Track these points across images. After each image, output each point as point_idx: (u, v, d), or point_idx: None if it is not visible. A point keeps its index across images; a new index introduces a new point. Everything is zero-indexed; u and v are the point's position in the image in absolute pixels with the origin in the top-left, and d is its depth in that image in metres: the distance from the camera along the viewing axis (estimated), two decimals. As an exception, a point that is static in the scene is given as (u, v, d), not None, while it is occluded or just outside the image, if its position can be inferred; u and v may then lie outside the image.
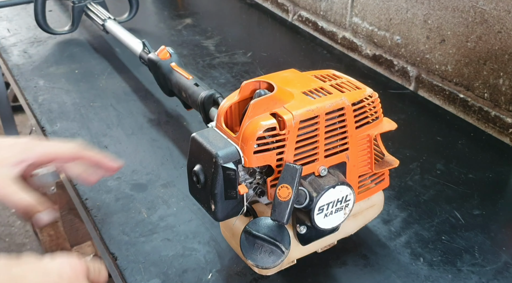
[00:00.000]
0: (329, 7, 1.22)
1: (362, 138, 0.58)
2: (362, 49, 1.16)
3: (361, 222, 0.65)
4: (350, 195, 0.55)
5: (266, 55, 1.17)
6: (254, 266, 0.54)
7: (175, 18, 1.37)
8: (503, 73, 0.88)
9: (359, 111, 0.57)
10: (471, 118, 0.96)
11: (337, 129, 0.55)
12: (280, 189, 0.50)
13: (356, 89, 0.58)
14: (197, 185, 0.54)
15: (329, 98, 0.55)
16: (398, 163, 0.62)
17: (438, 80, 1.00)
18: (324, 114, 0.53)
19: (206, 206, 0.55)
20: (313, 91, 0.56)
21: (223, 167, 0.51)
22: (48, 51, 1.17)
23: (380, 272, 0.63)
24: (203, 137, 0.54)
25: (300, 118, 0.52)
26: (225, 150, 0.52)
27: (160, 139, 0.88)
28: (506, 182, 0.79)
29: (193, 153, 0.55)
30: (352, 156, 0.57)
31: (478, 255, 0.66)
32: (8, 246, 1.99)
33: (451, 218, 0.72)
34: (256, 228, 0.53)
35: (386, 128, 0.60)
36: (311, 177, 0.55)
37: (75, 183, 0.77)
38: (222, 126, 0.56)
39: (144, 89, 1.03)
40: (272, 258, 0.53)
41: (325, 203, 0.54)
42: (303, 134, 0.53)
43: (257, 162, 0.52)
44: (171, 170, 0.80)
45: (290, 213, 0.51)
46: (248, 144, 0.52)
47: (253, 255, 0.53)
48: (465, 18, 0.91)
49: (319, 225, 0.55)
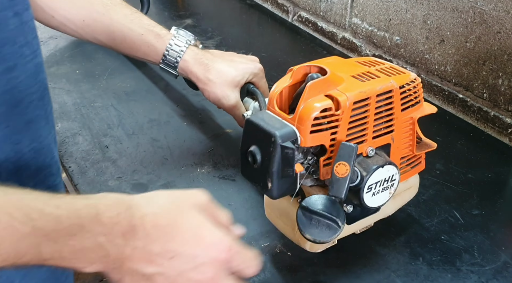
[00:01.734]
0: (329, 8, 1.23)
1: (406, 120, 0.61)
2: (361, 49, 1.17)
3: (399, 203, 0.67)
4: (395, 175, 0.58)
5: (266, 56, 1.17)
6: (312, 240, 0.55)
7: (175, 19, 1.37)
8: (502, 73, 0.88)
9: (405, 94, 0.59)
10: (470, 118, 0.96)
11: (385, 111, 0.58)
12: (337, 166, 0.52)
13: (401, 74, 0.61)
14: (253, 165, 0.56)
15: (379, 81, 0.57)
16: (436, 146, 0.65)
17: (438, 80, 1.00)
18: (375, 96, 0.56)
19: (261, 185, 0.56)
20: (362, 75, 0.58)
21: (281, 146, 0.53)
22: (49, 52, 1.18)
23: (379, 272, 0.63)
24: (259, 119, 0.56)
25: (354, 99, 0.55)
26: (283, 130, 0.54)
27: (160, 139, 0.88)
28: (505, 182, 0.80)
29: (248, 135, 0.57)
30: (397, 138, 0.60)
31: (478, 254, 0.66)
32: (9, 246, 1.99)
33: (451, 217, 0.72)
34: (312, 204, 0.55)
35: (427, 111, 0.63)
36: (360, 158, 0.57)
37: (76, 183, 0.78)
38: (275, 109, 0.58)
39: (145, 89, 1.03)
40: (329, 232, 0.54)
41: (373, 182, 0.56)
42: (355, 115, 0.55)
43: (312, 141, 0.54)
44: (172, 170, 0.80)
45: (347, 189, 0.53)
46: (305, 124, 0.53)
47: (310, 229, 0.54)
48: (465, 19, 0.91)
49: (367, 203, 0.57)
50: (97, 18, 0.80)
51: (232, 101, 0.81)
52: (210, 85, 0.81)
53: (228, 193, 0.76)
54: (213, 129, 0.91)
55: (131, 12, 0.82)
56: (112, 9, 0.80)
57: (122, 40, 0.82)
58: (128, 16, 0.81)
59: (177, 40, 0.81)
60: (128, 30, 0.81)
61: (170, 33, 0.83)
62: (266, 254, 0.66)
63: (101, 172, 0.80)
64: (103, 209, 0.43)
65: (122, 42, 0.82)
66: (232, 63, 0.82)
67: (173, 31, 0.84)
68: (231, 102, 0.81)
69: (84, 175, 0.79)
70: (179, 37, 0.82)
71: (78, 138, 0.88)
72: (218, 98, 0.81)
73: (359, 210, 0.60)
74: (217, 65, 0.82)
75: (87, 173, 0.79)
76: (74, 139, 0.87)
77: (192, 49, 0.82)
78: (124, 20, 0.81)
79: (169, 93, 1.02)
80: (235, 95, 0.81)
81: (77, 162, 0.82)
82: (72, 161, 0.82)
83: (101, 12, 0.80)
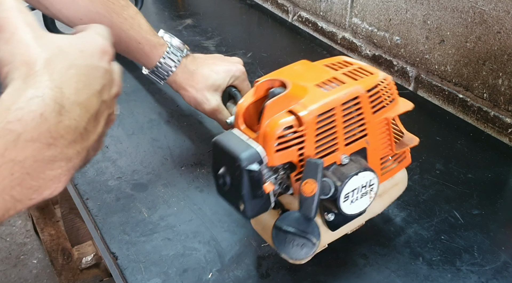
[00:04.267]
0: (329, 8, 1.23)
1: (380, 122, 0.59)
2: (361, 49, 1.17)
3: (387, 201, 0.66)
4: (373, 179, 0.57)
5: (266, 56, 1.17)
6: (288, 259, 0.55)
7: (175, 19, 1.37)
8: (502, 73, 0.88)
9: (375, 97, 0.57)
10: (470, 118, 0.96)
11: (355, 117, 0.56)
12: (304, 185, 0.52)
13: (369, 75, 0.58)
14: (224, 187, 0.55)
15: (343, 88, 0.56)
16: (418, 141, 0.63)
17: (438, 80, 1.00)
18: (340, 105, 0.54)
19: (235, 206, 0.56)
20: (326, 82, 0.57)
21: (246, 170, 0.52)
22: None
23: (379, 272, 0.63)
24: (224, 140, 0.55)
25: (317, 112, 0.53)
26: (247, 153, 0.53)
27: (160, 139, 0.88)
28: (505, 182, 0.80)
29: (217, 157, 0.56)
30: (372, 140, 0.58)
31: (477, 254, 0.66)
32: (9, 245, 2.00)
33: (451, 217, 0.72)
34: (286, 223, 0.54)
35: (402, 109, 0.61)
36: (334, 167, 0.56)
37: (76, 183, 0.78)
38: (241, 128, 0.57)
39: (145, 89, 1.03)
40: (305, 250, 0.54)
41: (350, 190, 0.55)
42: (321, 127, 0.54)
43: (279, 160, 0.53)
44: (172, 170, 0.80)
45: (316, 207, 0.52)
46: (268, 144, 0.53)
47: (286, 249, 0.54)
48: (465, 19, 0.91)
49: (345, 211, 0.56)
50: (96, 19, 0.79)
51: (213, 105, 0.81)
52: (190, 90, 0.82)
53: (228, 193, 0.76)
54: (213, 129, 0.91)
55: (131, 15, 0.81)
56: (113, 11, 0.79)
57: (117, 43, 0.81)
58: (128, 21, 0.80)
59: (171, 55, 0.82)
60: (125, 37, 0.80)
61: (164, 44, 0.82)
62: (266, 254, 0.66)
63: (101, 172, 0.80)
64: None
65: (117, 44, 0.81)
66: (213, 67, 0.83)
67: (167, 39, 0.83)
68: (212, 106, 0.81)
69: (84, 175, 0.79)
70: (171, 54, 0.82)
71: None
72: (198, 103, 0.82)
73: (342, 217, 0.59)
74: (200, 70, 0.82)
75: (87, 173, 0.79)
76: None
77: (182, 64, 0.82)
78: (124, 25, 0.80)
79: (169, 93, 1.02)
80: (215, 99, 0.82)
81: (77, 162, 0.82)
82: (72, 161, 0.82)
83: (101, 14, 0.79)
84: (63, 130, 0.37)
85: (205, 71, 0.82)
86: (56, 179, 0.38)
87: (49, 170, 0.37)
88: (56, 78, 0.38)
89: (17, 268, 1.90)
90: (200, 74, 0.82)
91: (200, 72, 0.82)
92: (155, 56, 0.82)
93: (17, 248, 1.98)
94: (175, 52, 0.82)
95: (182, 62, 0.82)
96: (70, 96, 0.38)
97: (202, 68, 0.83)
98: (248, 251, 0.66)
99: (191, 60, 0.84)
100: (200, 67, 0.83)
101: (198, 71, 0.82)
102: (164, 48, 0.82)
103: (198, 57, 0.85)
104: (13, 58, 0.39)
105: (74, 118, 0.38)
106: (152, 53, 0.82)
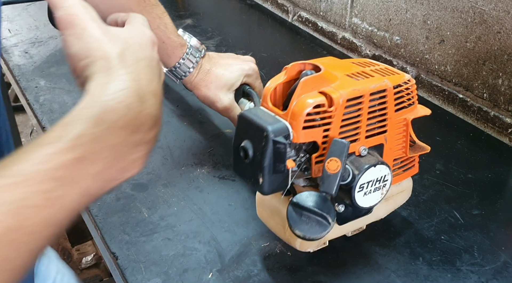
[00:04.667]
0: (329, 8, 1.23)
1: (400, 121, 0.60)
2: (361, 49, 1.17)
3: (391, 206, 0.67)
4: (388, 175, 0.57)
5: (266, 56, 1.17)
6: (301, 236, 0.55)
7: (175, 19, 1.37)
8: (502, 73, 0.88)
9: (399, 94, 0.59)
10: (470, 118, 0.96)
11: (379, 111, 0.58)
12: (329, 163, 0.52)
13: (395, 74, 0.61)
14: (245, 160, 0.55)
15: (373, 80, 0.57)
16: (429, 149, 0.65)
17: (438, 80, 1.01)
18: (369, 94, 0.56)
19: (253, 181, 0.56)
20: (356, 74, 0.58)
21: (273, 141, 0.52)
22: (49, 52, 1.18)
23: (379, 272, 0.63)
24: (252, 114, 0.56)
25: (347, 96, 0.54)
26: (275, 125, 0.53)
27: (160, 139, 0.88)
28: (505, 182, 0.80)
29: (241, 130, 0.57)
30: (390, 138, 0.60)
31: (478, 254, 0.66)
32: (9, 246, 1.99)
33: (451, 217, 0.72)
34: (303, 200, 0.55)
35: (421, 113, 0.63)
36: (352, 157, 0.57)
37: (76, 183, 0.78)
38: (269, 105, 0.58)
39: (145, 89, 1.03)
40: (319, 228, 0.54)
41: (365, 181, 0.56)
42: (348, 113, 0.55)
43: (305, 137, 0.54)
44: (172, 170, 0.80)
45: (338, 185, 0.53)
46: (297, 120, 0.53)
47: (301, 225, 0.54)
48: (465, 19, 0.91)
49: (359, 203, 0.56)
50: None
51: (226, 104, 0.82)
52: (204, 90, 0.83)
53: (228, 193, 0.76)
54: (213, 129, 0.91)
55: (159, 14, 0.82)
56: (144, 9, 0.81)
57: None
58: (156, 20, 0.82)
59: (190, 56, 0.83)
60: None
61: (185, 45, 0.84)
62: (266, 254, 0.66)
63: (101, 172, 0.80)
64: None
65: None
66: (227, 66, 0.84)
67: (186, 39, 0.85)
68: (225, 105, 0.82)
69: (84, 175, 0.79)
70: (190, 55, 0.83)
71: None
72: (212, 102, 0.83)
73: (351, 210, 0.60)
74: (214, 69, 0.84)
75: (87, 173, 0.79)
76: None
77: (199, 64, 0.84)
78: (152, 24, 0.81)
79: (169, 93, 1.02)
80: (228, 97, 0.82)
81: (77, 162, 0.82)
82: (72, 161, 0.82)
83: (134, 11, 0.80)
84: (144, 117, 0.42)
85: (219, 71, 0.83)
86: (137, 162, 0.43)
87: (133, 154, 0.42)
88: (132, 71, 0.43)
89: (17, 268, 1.90)
90: (214, 73, 0.83)
91: (214, 71, 0.83)
92: (175, 56, 0.83)
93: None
94: (194, 53, 0.83)
95: (199, 63, 0.84)
96: (145, 87, 0.43)
97: (216, 68, 0.84)
98: (248, 251, 0.66)
99: (207, 60, 0.85)
100: (214, 67, 0.84)
101: (212, 71, 0.83)
102: (185, 49, 0.83)
103: (213, 56, 0.87)
104: (88, 53, 0.43)
105: (151, 106, 0.43)
106: (173, 54, 0.83)
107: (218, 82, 0.82)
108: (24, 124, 2.55)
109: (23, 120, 2.57)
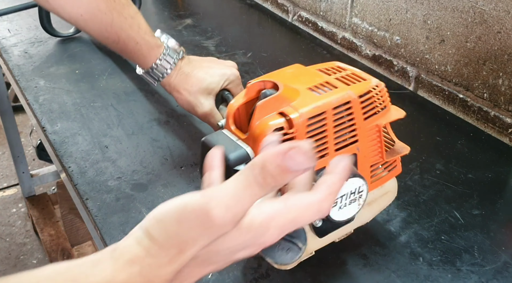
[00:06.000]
0: (329, 8, 1.22)
1: (371, 128, 0.58)
2: (361, 49, 1.17)
3: (376, 210, 0.65)
4: (362, 186, 0.56)
5: (266, 56, 1.17)
6: (273, 264, 0.54)
7: (175, 19, 1.37)
8: (502, 73, 0.88)
9: (366, 103, 0.57)
10: (470, 118, 0.96)
11: (346, 123, 0.56)
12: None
13: (362, 81, 0.58)
14: None
15: (335, 92, 0.55)
16: (409, 150, 0.62)
17: (438, 80, 1.00)
18: (331, 109, 0.54)
19: None
20: (319, 86, 0.56)
21: (234, 171, 0.51)
22: (48, 52, 1.17)
23: (379, 272, 0.63)
24: (213, 140, 0.55)
25: (307, 115, 0.52)
26: (235, 153, 0.52)
27: (160, 139, 0.88)
28: (505, 182, 0.80)
29: (204, 156, 0.56)
30: (362, 147, 0.58)
31: (478, 254, 0.66)
32: (9, 245, 2.00)
33: (451, 218, 0.72)
34: None
35: (394, 117, 0.61)
36: (323, 172, 0.55)
37: (76, 183, 0.77)
38: (231, 128, 0.57)
39: (145, 89, 1.03)
40: (290, 255, 0.53)
41: (338, 196, 0.54)
42: (311, 131, 0.53)
43: None
44: (172, 170, 0.80)
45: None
46: (258, 145, 0.52)
47: (271, 253, 0.53)
48: (465, 19, 0.91)
49: (334, 218, 0.55)
50: (98, 16, 0.79)
51: (206, 109, 0.81)
52: (184, 93, 0.82)
53: (228, 193, 0.76)
54: (213, 129, 0.91)
55: (131, 14, 0.80)
56: (114, 9, 0.79)
57: (115, 41, 0.81)
58: (128, 20, 0.80)
59: (167, 57, 0.82)
60: (125, 36, 0.80)
61: (161, 46, 0.82)
62: (266, 254, 0.65)
63: (100, 172, 0.80)
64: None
65: (114, 43, 0.82)
66: (208, 70, 0.82)
67: (163, 40, 0.84)
68: (205, 110, 0.81)
69: (83, 175, 0.79)
70: (167, 56, 0.82)
71: (78, 138, 0.87)
72: (192, 106, 0.82)
73: (329, 223, 0.58)
74: (195, 73, 0.82)
75: (86, 173, 0.79)
76: (74, 139, 0.87)
77: (177, 66, 0.82)
78: (124, 24, 0.80)
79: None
80: (209, 102, 0.81)
81: (77, 162, 0.82)
82: (71, 161, 0.82)
83: (103, 11, 0.78)
84: None
85: (200, 74, 0.82)
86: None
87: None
88: None
89: (17, 268, 1.90)
90: (195, 77, 0.81)
91: (194, 75, 0.82)
92: (151, 57, 0.81)
93: (16, 248, 1.98)
94: (171, 54, 0.82)
95: (177, 65, 0.82)
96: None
97: (197, 71, 0.82)
98: (248, 251, 0.66)
99: (186, 62, 0.83)
100: (195, 70, 0.82)
101: (193, 74, 0.82)
102: (161, 49, 0.82)
103: (193, 59, 0.85)
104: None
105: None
106: (149, 54, 0.81)
107: (199, 85, 0.81)
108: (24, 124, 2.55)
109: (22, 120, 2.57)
